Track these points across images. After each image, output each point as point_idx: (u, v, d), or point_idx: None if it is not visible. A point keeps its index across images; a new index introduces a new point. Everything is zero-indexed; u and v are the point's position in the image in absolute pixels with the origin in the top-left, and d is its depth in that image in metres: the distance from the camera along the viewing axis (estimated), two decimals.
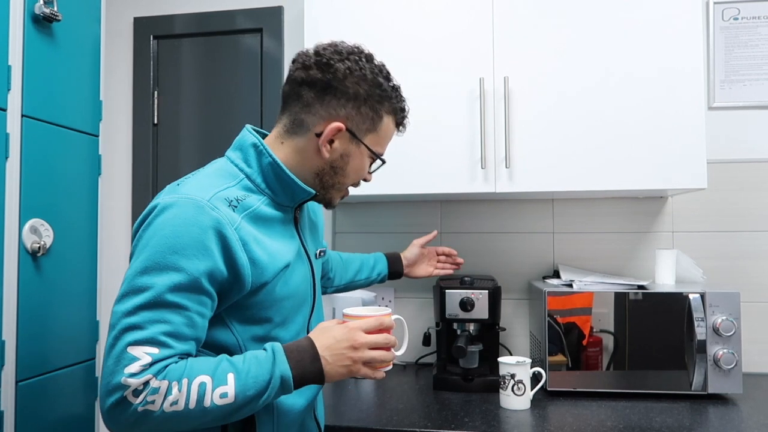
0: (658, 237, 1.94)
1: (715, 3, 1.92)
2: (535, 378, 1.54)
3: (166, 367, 0.87)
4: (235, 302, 0.98)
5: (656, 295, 1.57)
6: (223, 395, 0.88)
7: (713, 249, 1.91)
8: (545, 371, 1.57)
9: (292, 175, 1.04)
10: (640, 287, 1.61)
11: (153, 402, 0.85)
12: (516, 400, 1.48)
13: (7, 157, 1.33)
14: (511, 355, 1.92)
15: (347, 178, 1.09)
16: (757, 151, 1.90)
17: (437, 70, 1.71)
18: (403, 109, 1.12)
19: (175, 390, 0.86)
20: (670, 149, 1.61)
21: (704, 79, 1.76)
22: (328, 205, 1.14)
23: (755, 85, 1.90)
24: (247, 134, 1.06)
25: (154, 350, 0.86)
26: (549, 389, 1.59)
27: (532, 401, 1.51)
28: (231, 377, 0.89)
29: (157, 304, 0.88)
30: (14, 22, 1.36)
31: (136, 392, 0.85)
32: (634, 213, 1.96)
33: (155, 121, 2.25)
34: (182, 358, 0.90)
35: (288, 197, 1.06)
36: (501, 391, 1.50)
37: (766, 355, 1.87)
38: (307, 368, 0.94)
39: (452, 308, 1.67)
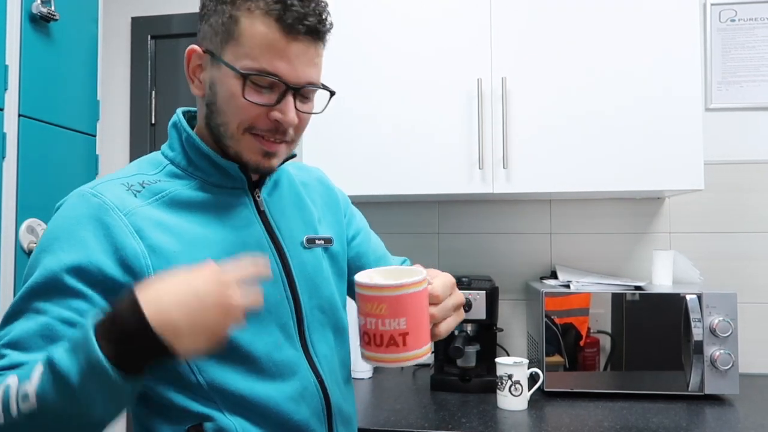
0: (655, 238, 1.94)
1: (712, 5, 1.92)
2: (533, 378, 1.54)
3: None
4: None
5: (653, 296, 1.57)
6: (24, 397, 0.65)
7: (710, 250, 1.92)
8: (542, 372, 1.58)
9: (207, 148, 0.86)
10: (638, 288, 1.61)
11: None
12: (513, 401, 1.48)
13: (3, 157, 1.33)
14: (508, 355, 1.92)
15: (224, 114, 0.83)
16: (755, 152, 1.91)
17: (435, 71, 1.71)
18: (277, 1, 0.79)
19: None
20: (668, 150, 1.62)
21: (701, 80, 1.77)
22: (249, 167, 0.87)
23: (752, 86, 1.91)
24: (173, 117, 0.90)
25: None
26: (546, 390, 1.59)
27: (529, 402, 1.51)
28: (37, 370, 0.65)
29: (14, 312, 0.74)
30: (11, 21, 1.36)
31: None
32: (632, 214, 1.96)
33: (152, 121, 2.25)
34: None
35: (222, 176, 0.88)
36: (498, 391, 1.50)
37: (763, 356, 1.87)
38: (133, 335, 0.64)
39: None
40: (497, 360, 1.52)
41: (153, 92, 2.25)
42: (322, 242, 0.99)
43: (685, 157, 1.61)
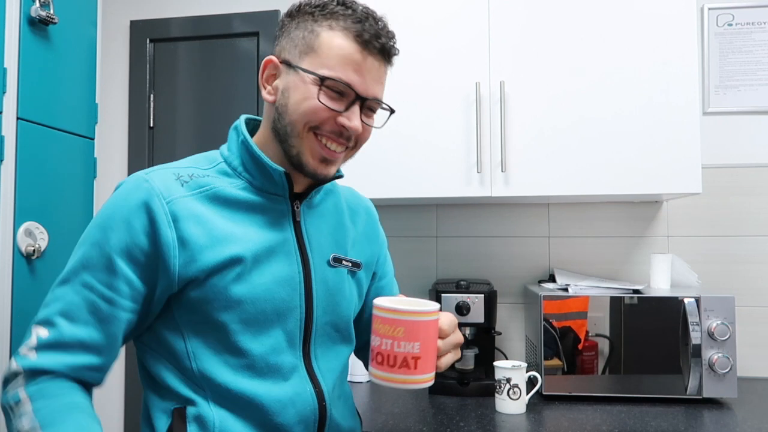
0: (653, 241, 1.95)
1: (709, 9, 1.93)
2: (531, 382, 1.54)
3: (40, 379, 0.81)
4: (183, 301, 0.85)
5: (651, 300, 1.57)
6: None
7: (708, 253, 1.92)
8: (541, 375, 1.57)
9: (259, 151, 0.91)
10: (636, 291, 1.61)
11: (12, 410, 0.81)
12: (512, 405, 1.48)
13: (2, 160, 1.33)
14: (506, 359, 1.92)
15: (290, 114, 0.89)
16: (752, 155, 1.91)
17: (433, 74, 1.72)
18: (358, 20, 0.89)
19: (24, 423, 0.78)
20: (665, 154, 1.62)
21: (699, 84, 1.77)
22: (303, 167, 0.91)
23: (749, 90, 1.92)
24: (236, 121, 0.98)
25: (44, 332, 0.81)
26: (545, 393, 1.59)
27: (527, 405, 1.51)
28: None
29: (65, 280, 0.84)
30: (10, 24, 1.36)
31: (5, 381, 0.82)
32: (630, 217, 1.96)
33: (151, 125, 2.25)
34: (61, 376, 0.82)
35: (267, 180, 0.92)
36: (497, 395, 1.50)
37: (761, 360, 1.87)
38: None
39: None
40: (495, 363, 1.52)
41: (151, 95, 2.25)
42: (350, 264, 1.02)
43: (682, 160, 1.61)
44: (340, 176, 1.01)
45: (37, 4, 1.41)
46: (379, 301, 0.82)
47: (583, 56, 1.66)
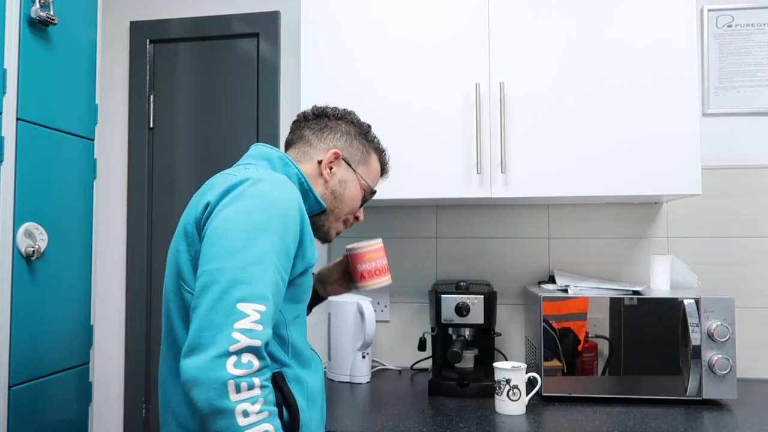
0: (653, 242, 1.95)
1: (709, 10, 1.93)
2: (531, 383, 1.54)
3: (268, 381, 0.90)
4: (290, 282, 1.03)
5: (651, 301, 1.57)
6: None
7: (708, 254, 1.92)
8: (541, 376, 1.57)
9: (311, 184, 1.16)
10: (635, 293, 1.61)
11: (246, 412, 0.86)
12: (511, 406, 1.48)
13: (1, 161, 1.33)
14: (506, 360, 1.92)
15: (344, 203, 1.21)
16: (752, 157, 1.91)
17: (433, 75, 1.72)
18: (385, 153, 1.31)
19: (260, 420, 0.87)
20: (665, 155, 1.62)
21: (698, 85, 1.77)
22: (325, 236, 1.23)
23: (749, 91, 1.92)
24: (271, 150, 1.17)
25: (262, 307, 0.89)
26: (544, 394, 1.59)
27: (527, 406, 1.51)
28: None
29: (258, 262, 0.91)
30: (10, 25, 1.36)
31: (239, 364, 0.85)
32: (629, 218, 1.96)
33: (151, 125, 2.25)
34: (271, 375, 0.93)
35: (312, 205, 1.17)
36: (496, 396, 1.50)
37: (761, 361, 1.87)
38: None
39: (448, 313, 1.67)
40: (495, 365, 1.52)
41: (151, 96, 2.25)
42: None
43: (682, 161, 1.61)
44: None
45: (37, 5, 1.42)
46: (363, 243, 1.31)
47: (583, 57, 1.66)
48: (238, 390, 0.84)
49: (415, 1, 1.74)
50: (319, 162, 1.19)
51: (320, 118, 1.24)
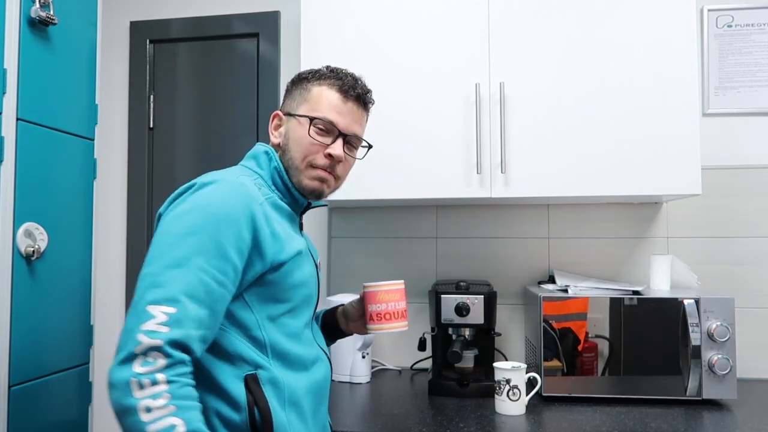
0: (653, 242, 1.95)
1: (709, 10, 1.93)
2: (531, 383, 1.54)
3: (180, 377, 0.89)
4: (256, 281, 1.04)
5: (651, 301, 1.57)
6: None
7: (708, 254, 1.92)
8: (540, 376, 1.57)
9: (284, 172, 1.15)
10: (635, 293, 1.61)
11: (148, 408, 0.86)
12: (511, 406, 1.48)
13: (1, 161, 1.33)
14: (506, 360, 1.92)
15: (291, 149, 1.15)
16: (752, 157, 1.91)
17: (433, 75, 1.72)
18: (339, 78, 1.17)
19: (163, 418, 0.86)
20: (665, 155, 1.62)
21: (698, 85, 1.77)
22: (308, 191, 1.16)
23: (749, 91, 1.92)
24: (260, 146, 1.19)
25: (170, 309, 0.90)
26: (544, 395, 1.59)
27: (527, 406, 1.51)
28: None
29: (179, 263, 0.93)
30: (10, 25, 1.36)
31: (145, 363, 0.87)
32: (629, 218, 1.96)
33: (151, 125, 2.25)
34: (187, 363, 0.91)
35: (290, 199, 1.17)
36: (496, 396, 1.50)
37: (761, 361, 1.87)
38: None
39: (448, 313, 1.67)
40: (495, 365, 1.52)
41: (151, 96, 2.25)
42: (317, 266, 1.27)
43: (682, 162, 1.61)
44: (325, 205, 1.33)
45: (37, 4, 1.41)
46: (378, 283, 1.23)
47: (583, 57, 1.66)
48: (141, 387, 0.86)
49: (415, 1, 1.74)
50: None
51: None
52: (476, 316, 1.66)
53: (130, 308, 0.92)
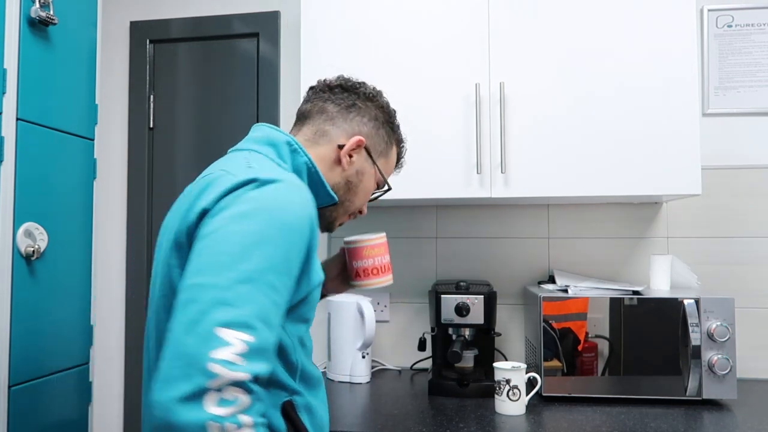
0: (653, 242, 1.95)
1: (709, 10, 1.93)
2: (531, 383, 1.54)
3: (262, 416, 0.75)
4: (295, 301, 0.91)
5: (651, 301, 1.57)
6: None
7: (708, 255, 1.92)
8: (540, 376, 1.57)
9: (322, 176, 1.03)
10: (635, 293, 1.61)
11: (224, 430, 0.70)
12: (511, 406, 1.48)
13: (1, 161, 1.33)
14: (506, 360, 1.92)
15: (357, 197, 1.10)
16: (752, 157, 1.91)
17: (433, 75, 1.72)
18: (404, 146, 1.20)
19: None
20: (665, 155, 1.62)
21: (698, 85, 1.77)
22: (329, 226, 1.11)
23: (749, 91, 1.92)
24: (277, 132, 1.03)
25: (250, 338, 0.73)
26: (544, 395, 1.59)
27: (527, 407, 1.51)
28: None
29: (250, 278, 0.76)
30: (10, 25, 1.36)
31: (222, 402, 0.69)
32: (629, 219, 1.96)
33: (151, 125, 2.25)
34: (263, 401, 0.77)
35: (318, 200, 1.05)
36: (496, 396, 1.50)
37: (761, 361, 1.87)
38: None
39: (448, 313, 1.67)
40: (495, 365, 1.52)
41: (151, 96, 2.25)
42: None
43: (682, 162, 1.61)
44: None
45: (37, 4, 1.42)
46: (363, 237, 1.17)
47: (583, 57, 1.66)
48: None
49: (415, 1, 1.74)
50: (340, 147, 1.06)
51: (348, 93, 1.10)
52: (476, 316, 1.66)
53: (184, 323, 0.73)
